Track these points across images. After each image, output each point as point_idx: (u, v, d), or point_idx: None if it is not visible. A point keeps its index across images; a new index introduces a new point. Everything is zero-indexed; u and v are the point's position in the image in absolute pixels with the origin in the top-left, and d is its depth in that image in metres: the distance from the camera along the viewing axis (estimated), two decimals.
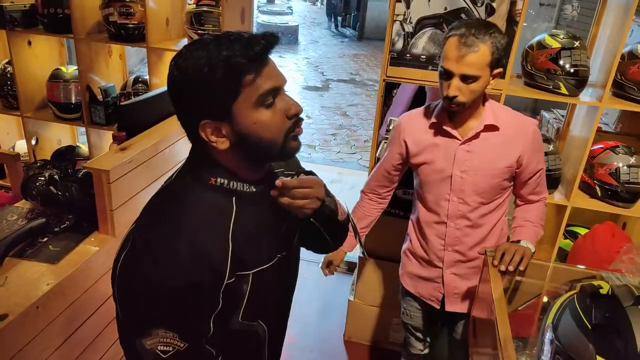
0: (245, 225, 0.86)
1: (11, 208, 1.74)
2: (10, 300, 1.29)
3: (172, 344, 0.77)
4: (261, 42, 0.79)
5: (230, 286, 0.84)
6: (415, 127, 1.58)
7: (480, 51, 1.34)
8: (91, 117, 2.61)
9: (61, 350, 1.44)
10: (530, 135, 1.51)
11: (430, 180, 1.57)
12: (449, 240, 1.60)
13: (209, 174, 0.86)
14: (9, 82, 2.73)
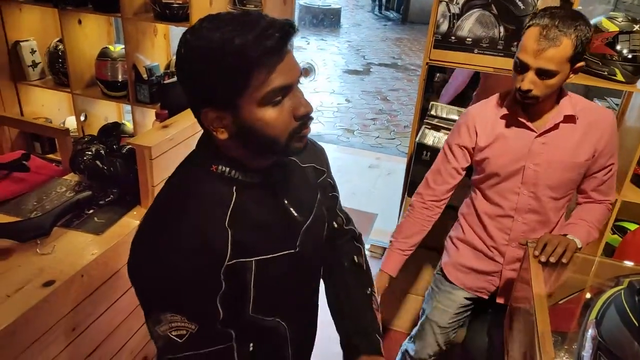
0: (245, 214, 0.84)
1: (60, 180, 1.82)
2: (57, 268, 1.35)
3: (183, 327, 0.76)
4: (275, 34, 0.73)
5: (232, 269, 0.81)
6: (486, 118, 1.49)
7: (563, 45, 1.24)
8: (136, 95, 2.68)
9: (104, 317, 1.51)
10: (608, 128, 1.43)
11: (499, 173, 1.48)
12: (514, 235, 1.52)
13: (211, 161, 0.84)
14: (61, 60, 2.84)
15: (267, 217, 0.87)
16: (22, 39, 2.89)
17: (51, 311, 1.29)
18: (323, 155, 1.07)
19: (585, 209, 1.52)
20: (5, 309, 1.20)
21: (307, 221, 0.95)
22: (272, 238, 0.87)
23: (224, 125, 0.78)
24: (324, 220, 1.03)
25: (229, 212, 0.82)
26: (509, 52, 1.96)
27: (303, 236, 0.93)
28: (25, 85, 2.98)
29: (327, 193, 1.06)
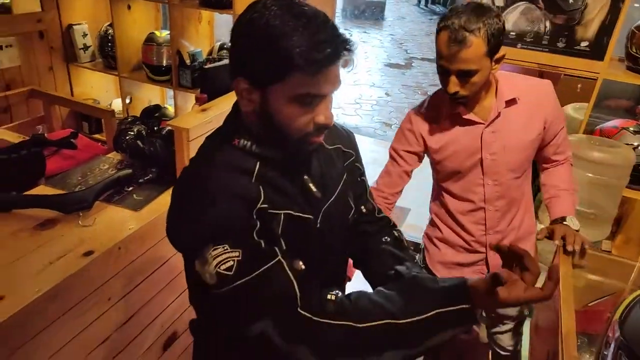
0: (268, 180, 0.86)
1: (104, 158, 1.90)
2: (97, 240, 1.42)
3: (229, 259, 0.76)
4: (327, 50, 0.75)
5: (263, 215, 0.82)
6: (431, 122, 1.48)
7: (474, 45, 1.23)
8: (179, 80, 2.76)
9: (138, 289, 1.57)
10: (550, 97, 1.47)
11: (459, 170, 1.49)
12: (490, 223, 1.54)
13: (235, 134, 0.87)
14: (110, 44, 2.96)
15: (288, 185, 0.89)
16: (75, 23, 3.03)
17: (89, 280, 1.36)
18: (351, 139, 1.08)
19: (554, 175, 1.57)
20: (48, 274, 1.28)
21: (329, 201, 0.95)
22: (296, 202, 0.89)
23: (251, 99, 0.81)
24: (349, 204, 1.03)
25: (253, 176, 0.85)
26: (555, 48, 1.91)
27: (324, 215, 0.94)
28: (76, 67, 3.12)
29: (355, 177, 1.07)
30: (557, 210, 1.50)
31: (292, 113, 0.80)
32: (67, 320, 1.31)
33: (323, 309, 0.77)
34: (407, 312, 0.76)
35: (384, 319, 0.76)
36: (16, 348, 1.18)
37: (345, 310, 0.78)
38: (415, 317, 0.75)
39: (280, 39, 0.74)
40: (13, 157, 1.87)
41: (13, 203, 1.49)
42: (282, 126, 0.81)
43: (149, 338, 1.71)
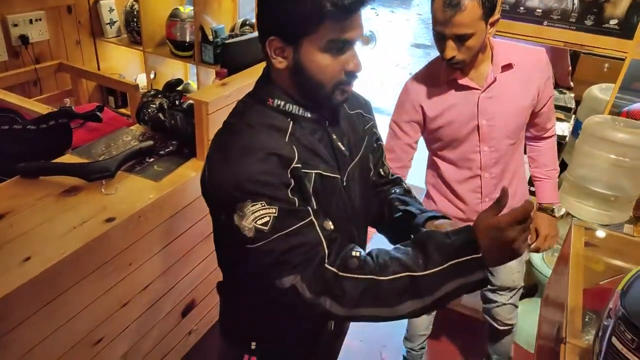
0: (300, 140, 0.91)
1: (127, 130, 1.95)
2: (118, 207, 1.48)
3: (265, 214, 0.82)
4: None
5: (297, 174, 0.87)
6: (428, 89, 1.49)
7: (468, 8, 1.25)
8: (201, 56, 2.78)
9: (158, 256, 1.63)
10: (544, 64, 1.49)
11: (456, 138, 1.51)
12: (486, 190, 1.56)
13: (268, 95, 0.92)
14: (135, 19, 2.99)
15: (318, 145, 0.94)
16: None
17: (110, 245, 1.42)
18: (369, 106, 1.15)
19: (546, 154, 1.65)
20: (72, 237, 1.34)
21: (353, 161, 1.02)
22: (325, 162, 0.94)
23: (285, 57, 0.87)
24: (369, 165, 1.11)
25: (287, 135, 0.90)
26: (582, 26, 1.85)
27: (350, 173, 1.01)
28: (102, 42, 3.17)
29: (373, 140, 1.14)
30: (546, 195, 1.66)
31: (324, 62, 0.85)
32: (89, 283, 1.37)
33: (347, 265, 0.83)
34: (423, 265, 0.81)
35: (402, 272, 0.81)
36: (41, 306, 1.25)
37: (368, 266, 0.83)
38: (430, 270, 0.80)
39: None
40: (42, 128, 1.94)
41: (40, 170, 1.55)
42: (316, 77, 0.87)
43: (168, 304, 1.78)
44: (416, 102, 1.51)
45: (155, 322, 1.73)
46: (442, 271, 0.80)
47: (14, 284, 1.16)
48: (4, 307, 1.14)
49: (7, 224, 1.36)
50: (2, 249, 1.26)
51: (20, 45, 2.67)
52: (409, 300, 0.81)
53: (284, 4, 0.84)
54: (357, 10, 0.84)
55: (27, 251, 1.26)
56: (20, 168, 1.54)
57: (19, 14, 2.64)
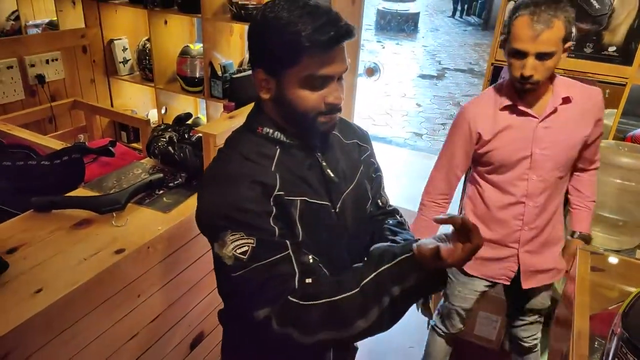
0: (287, 167, 0.95)
1: (137, 163, 2.00)
2: (128, 239, 1.50)
3: (245, 244, 0.86)
4: (331, 33, 0.84)
5: (280, 201, 0.91)
6: (485, 114, 1.52)
7: (555, 26, 1.30)
8: (211, 91, 2.86)
9: (165, 288, 1.64)
10: (600, 102, 1.52)
11: (506, 162, 1.52)
12: (528, 219, 1.56)
13: (258, 124, 0.98)
14: (147, 57, 3.10)
15: (307, 173, 0.97)
16: (116, 38, 3.20)
17: (120, 276, 1.44)
18: (366, 137, 1.17)
19: (588, 185, 1.65)
20: (82, 269, 1.36)
21: (349, 188, 1.04)
22: (312, 189, 0.97)
23: (268, 88, 0.92)
24: (367, 194, 1.12)
25: (274, 163, 0.94)
26: (582, 53, 1.88)
27: (344, 201, 1.02)
28: (116, 80, 3.28)
29: (370, 172, 1.15)
30: (583, 225, 1.66)
31: (304, 94, 0.89)
32: (99, 315, 1.39)
33: (306, 292, 0.86)
34: (361, 279, 0.85)
35: (353, 289, 0.85)
36: (52, 337, 1.26)
37: (323, 290, 0.87)
38: (365, 280, 0.84)
39: (289, 26, 0.85)
40: (55, 163, 1.99)
41: (52, 204, 1.59)
42: (297, 107, 0.91)
43: (176, 336, 1.78)
44: (471, 123, 1.53)
45: (164, 354, 1.73)
46: (381, 274, 0.84)
47: (26, 315, 1.18)
48: (16, 337, 1.15)
49: (21, 257, 1.38)
50: (15, 281, 1.29)
51: (37, 84, 2.78)
52: (361, 318, 0.84)
53: (265, 39, 0.89)
54: (333, 46, 0.86)
55: (39, 283, 1.28)
56: (33, 202, 1.58)
57: (36, 55, 2.76)
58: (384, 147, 4.66)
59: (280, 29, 0.85)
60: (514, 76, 1.40)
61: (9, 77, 2.65)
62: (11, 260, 1.33)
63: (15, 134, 2.37)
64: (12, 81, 2.67)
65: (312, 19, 0.85)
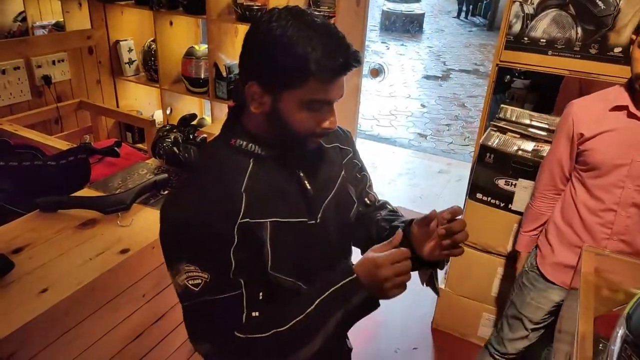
0: (260, 181, 0.91)
1: (142, 164, 2.01)
2: (133, 239, 1.51)
3: (198, 277, 0.84)
4: (340, 60, 0.81)
5: (246, 227, 0.87)
6: (591, 111, 1.48)
7: None
8: (215, 92, 2.87)
9: (170, 288, 1.63)
10: None
11: (602, 165, 1.46)
12: (617, 228, 1.50)
13: (230, 136, 0.93)
14: (153, 58, 3.12)
15: (283, 184, 0.94)
16: (122, 39, 3.21)
17: (125, 276, 1.44)
18: (349, 138, 1.13)
19: None
20: (87, 269, 1.37)
21: (328, 196, 1.00)
22: (287, 204, 0.93)
23: (261, 102, 0.86)
24: (351, 198, 1.08)
25: (245, 178, 0.90)
26: (587, 54, 1.88)
27: (325, 211, 0.99)
28: (122, 81, 3.30)
29: (354, 172, 1.12)
30: None
31: (301, 117, 0.86)
32: (104, 314, 1.39)
33: (253, 326, 0.86)
34: (311, 302, 0.85)
35: (297, 316, 0.85)
36: (56, 338, 1.27)
37: (269, 322, 0.86)
38: (315, 302, 0.85)
39: (297, 48, 0.79)
40: (61, 164, 2.01)
41: (58, 204, 1.60)
42: (291, 128, 0.87)
43: (181, 336, 1.78)
44: (572, 117, 1.50)
45: (169, 354, 1.74)
46: (324, 301, 0.84)
47: (31, 314, 1.19)
48: (21, 337, 1.16)
49: (27, 257, 1.39)
50: (20, 281, 1.30)
51: (43, 85, 2.80)
52: (309, 342, 0.85)
53: (268, 55, 0.82)
54: (342, 73, 0.83)
55: (44, 283, 1.29)
56: (39, 202, 1.60)
57: (42, 56, 2.78)
58: (388, 148, 4.65)
59: (288, 50, 0.80)
60: (636, 72, 1.36)
61: (16, 78, 2.67)
62: (17, 260, 1.34)
63: (22, 135, 2.39)
64: (19, 82, 2.69)
65: (321, 43, 0.80)
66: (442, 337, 2.43)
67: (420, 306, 2.60)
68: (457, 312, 2.37)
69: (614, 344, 0.69)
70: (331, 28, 0.83)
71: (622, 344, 0.65)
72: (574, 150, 1.53)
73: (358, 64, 0.83)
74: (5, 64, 2.62)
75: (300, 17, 0.82)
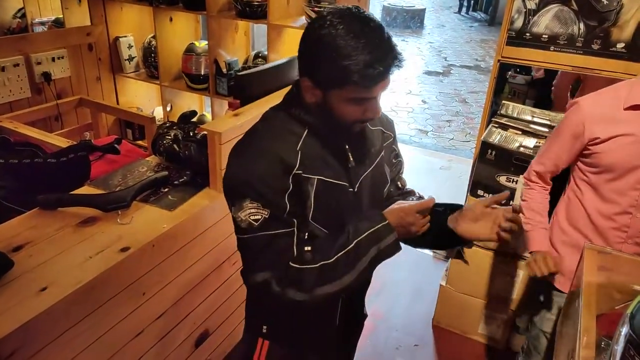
0: (313, 145, 1.03)
1: (142, 161, 2.00)
2: (133, 237, 1.50)
3: (259, 213, 0.98)
4: (381, 68, 0.90)
5: (298, 179, 1.01)
6: (603, 114, 1.39)
7: None
8: (216, 88, 2.86)
9: (171, 285, 1.65)
10: None
11: (616, 168, 1.39)
12: (633, 232, 1.43)
13: (291, 106, 1.06)
14: (153, 54, 3.10)
15: (329, 154, 1.06)
16: (122, 35, 3.20)
17: (125, 274, 1.44)
18: (391, 125, 1.26)
19: None
20: (88, 267, 1.36)
21: (367, 171, 1.12)
22: (333, 170, 1.06)
23: (314, 94, 1.00)
24: (386, 177, 1.20)
25: (301, 140, 1.03)
26: (589, 50, 1.86)
27: (362, 182, 1.11)
28: (122, 77, 3.29)
29: (391, 156, 1.25)
30: None
31: (347, 109, 0.98)
32: (104, 312, 1.39)
33: (304, 259, 1.00)
34: (351, 239, 1.01)
35: (340, 251, 1.00)
36: (57, 336, 1.26)
37: (317, 254, 1.01)
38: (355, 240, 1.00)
39: (343, 58, 0.90)
40: (61, 161, 2.00)
41: (58, 201, 1.60)
42: (339, 117, 1.00)
43: (181, 334, 1.78)
44: (587, 122, 1.40)
45: (169, 352, 1.74)
46: (361, 241, 1.00)
47: (32, 313, 1.18)
48: (22, 336, 1.16)
49: (27, 255, 1.39)
50: (20, 279, 1.29)
51: (43, 82, 2.79)
52: (348, 272, 0.99)
53: (320, 59, 0.93)
54: (380, 81, 0.93)
55: (44, 281, 1.29)
56: (39, 200, 1.59)
57: (42, 53, 2.77)
58: None
59: (333, 57, 0.90)
60: None
61: (16, 75, 2.66)
62: (17, 259, 1.33)
63: (22, 132, 2.38)
64: (19, 79, 2.68)
65: (366, 53, 0.89)
66: (443, 334, 2.42)
67: (421, 303, 2.60)
68: (458, 309, 2.37)
69: (617, 344, 0.68)
70: (378, 34, 0.92)
71: (626, 344, 0.65)
72: (579, 151, 1.46)
73: (399, 69, 0.95)
74: (5, 60, 2.61)
75: (350, 22, 0.91)
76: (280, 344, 1.24)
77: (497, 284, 2.21)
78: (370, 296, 1.38)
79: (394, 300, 2.61)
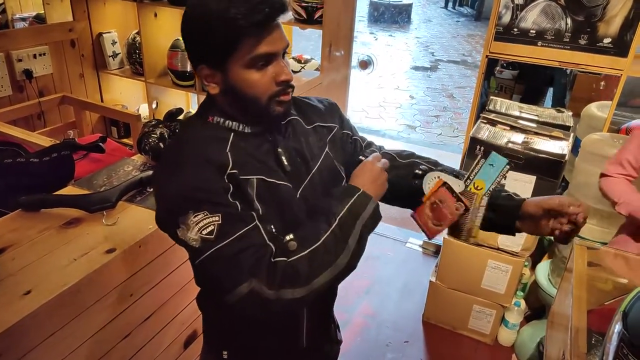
0: (243, 149, 0.93)
1: (128, 160, 1.97)
2: (118, 238, 1.47)
3: (209, 223, 0.83)
4: (265, 9, 0.83)
5: (235, 179, 0.89)
6: None
7: None
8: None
9: (158, 287, 1.62)
10: None
11: None
12: None
13: (208, 113, 0.95)
14: (137, 51, 3.06)
15: (263, 157, 0.95)
16: (105, 31, 3.14)
17: (111, 276, 1.41)
18: (332, 111, 1.13)
19: None
20: (72, 269, 1.33)
21: (312, 170, 1.02)
22: (271, 171, 0.95)
23: (216, 82, 0.90)
24: (339, 175, 1.08)
25: (228, 145, 0.92)
26: (576, 45, 1.87)
27: (309, 184, 1.00)
28: (106, 74, 3.23)
29: (345, 144, 1.14)
30: None
31: (252, 78, 0.87)
32: (91, 315, 1.36)
33: (289, 249, 0.86)
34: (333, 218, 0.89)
35: (326, 231, 0.87)
36: (43, 339, 1.24)
37: (304, 241, 0.87)
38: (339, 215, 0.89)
39: (222, 15, 0.83)
40: (44, 161, 1.96)
41: (41, 203, 1.56)
42: (248, 93, 0.89)
43: (169, 336, 1.76)
44: None
45: (157, 353, 1.71)
46: (343, 216, 0.88)
47: (16, 317, 1.15)
48: (7, 340, 1.13)
49: (9, 258, 1.36)
50: (4, 283, 1.26)
51: (25, 80, 2.73)
52: (342, 252, 0.87)
53: (201, 32, 0.86)
54: (270, 22, 0.86)
55: (28, 284, 1.26)
56: (21, 201, 1.55)
57: (23, 49, 2.70)
58: (378, 140, 4.63)
59: (213, 19, 0.84)
60: None
61: None
62: None
63: (3, 131, 2.33)
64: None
65: (243, 1, 0.83)
66: (433, 330, 2.43)
67: (411, 300, 2.60)
68: (448, 305, 2.38)
69: (610, 342, 0.68)
70: None
71: (619, 342, 0.64)
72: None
73: (284, 10, 0.87)
74: None
75: None
76: None
77: (487, 280, 2.22)
78: (360, 293, 1.37)
79: (384, 296, 2.61)
